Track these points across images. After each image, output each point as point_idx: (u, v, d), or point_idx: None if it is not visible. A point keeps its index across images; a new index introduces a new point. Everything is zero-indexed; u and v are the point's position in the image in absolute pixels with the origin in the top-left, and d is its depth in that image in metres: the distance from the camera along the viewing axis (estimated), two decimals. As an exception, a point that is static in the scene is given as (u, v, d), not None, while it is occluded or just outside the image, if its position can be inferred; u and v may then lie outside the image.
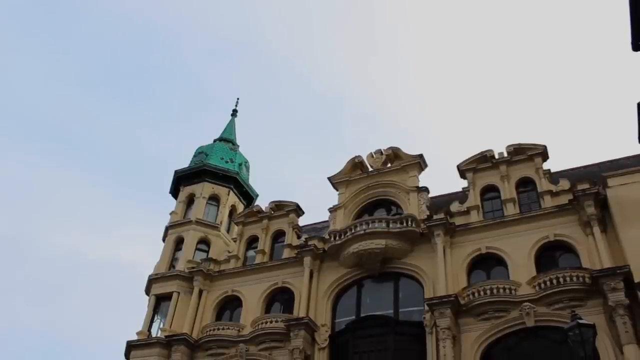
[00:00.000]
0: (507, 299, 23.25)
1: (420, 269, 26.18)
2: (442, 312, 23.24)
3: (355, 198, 30.44)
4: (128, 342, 29.94)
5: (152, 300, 31.76)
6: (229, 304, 30.52)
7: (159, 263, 33.41)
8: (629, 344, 20.22)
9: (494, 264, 25.30)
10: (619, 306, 20.81)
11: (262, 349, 27.20)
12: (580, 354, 13.22)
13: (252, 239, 32.39)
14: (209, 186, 36.13)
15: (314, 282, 28.03)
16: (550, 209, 25.16)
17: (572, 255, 24.15)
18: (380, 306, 26.33)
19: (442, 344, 22.85)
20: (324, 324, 26.69)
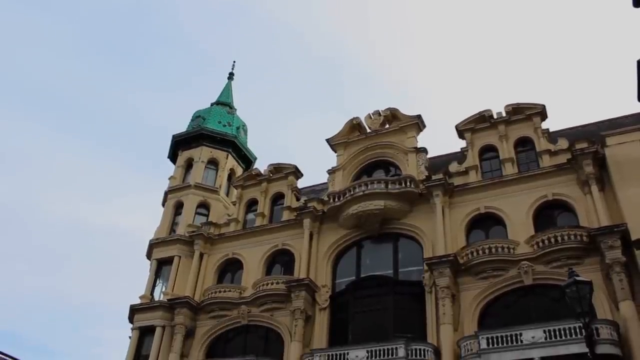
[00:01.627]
0: (505, 258, 23.47)
1: (419, 229, 26.35)
2: (441, 272, 23.48)
3: (353, 159, 30.44)
4: (131, 306, 30.32)
5: (153, 265, 32.04)
6: (229, 266, 30.81)
7: (159, 228, 33.58)
8: (625, 300, 20.48)
9: (492, 224, 25.45)
10: (616, 264, 21.03)
11: (263, 310, 27.57)
12: (577, 310, 13.36)
13: (252, 202, 32.50)
14: (207, 150, 36.08)
15: (314, 244, 28.25)
16: (549, 169, 25.19)
17: (570, 214, 24.28)
18: (380, 266, 26.59)
19: (442, 303, 23.17)
20: (325, 285, 27.00)
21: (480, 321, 23.10)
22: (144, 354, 28.89)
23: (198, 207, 33.96)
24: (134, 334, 29.63)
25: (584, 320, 13.22)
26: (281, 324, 26.73)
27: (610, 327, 20.02)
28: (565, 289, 13.73)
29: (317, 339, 25.55)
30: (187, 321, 28.52)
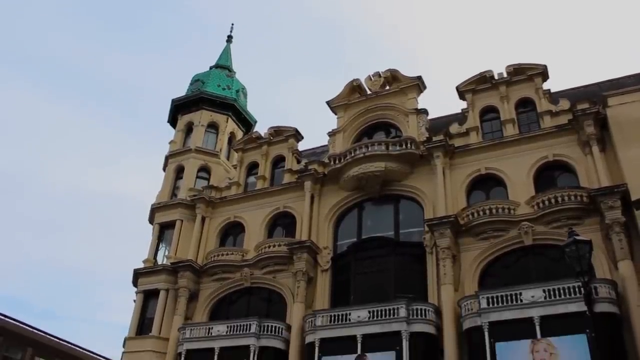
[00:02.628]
0: (506, 219, 23.60)
1: (420, 191, 26.42)
2: (442, 233, 23.63)
3: (354, 122, 30.34)
4: (135, 270, 30.63)
5: (156, 229, 32.24)
6: (231, 229, 31.00)
7: (160, 192, 33.69)
8: (624, 260, 20.67)
9: (493, 185, 25.50)
10: (616, 224, 21.14)
11: (266, 273, 27.86)
12: (577, 269, 13.49)
13: (252, 165, 32.52)
14: (207, 114, 35.94)
15: (315, 206, 28.37)
16: (550, 129, 25.12)
17: (570, 174, 24.31)
18: (381, 228, 26.77)
19: (442, 264, 23.40)
20: (326, 247, 27.22)
21: (480, 281, 23.36)
22: (148, 317, 29.32)
23: (199, 171, 34.02)
24: (138, 298, 30.00)
25: (583, 279, 13.35)
26: (283, 286, 27.07)
27: (608, 286, 20.25)
28: (565, 248, 13.83)
29: (319, 300, 25.89)
30: (190, 284, 28.84)
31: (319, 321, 23.75)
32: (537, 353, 19.66)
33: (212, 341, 25.54)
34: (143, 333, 28.84)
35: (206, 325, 26.69)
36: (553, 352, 19.43)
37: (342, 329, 23.08)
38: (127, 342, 28.97)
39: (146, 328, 28.96)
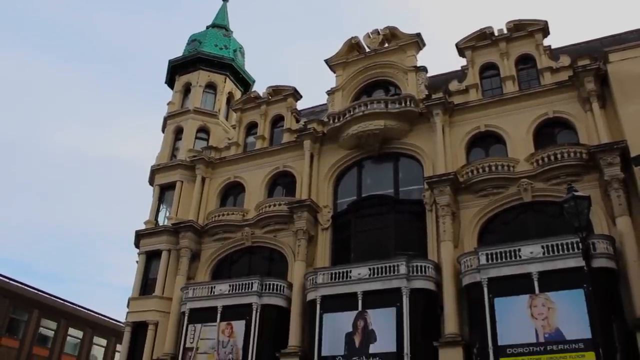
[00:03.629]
0: (505, 176, 23.65)
1: (419, 149, 26.42)
2: (442, 190, 23.71)
3: (353, 80, 30.12)
4: (137, 231, 30.84)
5: (156, 191, 32.34)
6: (232, 190, 31.10)
7: (160, 154, 33.68)
8: (622, 216, 20.81)
9: (492, 142, 25.49)
10: (614, 180, 21.21)
11: (266, 232, 28.05)
12: (575, 224, 13.57)
13: (251, 125, 32.41)
14: (205, 74, 35.65)
15: (315, 165, 28.38)
16: (550, 86, 24.98)
17: (570, 131, 24.27)
18: (381, 186, 26.84)
19: (442, 221, 23.55)
20: (326, 205, 27.35)
21: (479, 238, 23.56)
22: (151, 278, 29.65)
23: (198, 132, 33.93)
24: (140, 259, 30.27)
25: (581, 235, 13.45)
26: (284, 245, 27.30)
27: (606, 241, 20.44)
28: (563, 204, 13.88)
29: (320, 258, 26.13)
30: (191, 244, 29.06)
31: (320, 279, 24.02)
32: (535, 308, 19.98)
33: (215, 300, 25.89)
34: (146, 293, 29.21)
35: (208, 284, 27.02)
36: (551, 306, 19.73)
37: (343, 286, 23.35)
38: (130, 303, 29.35)
39: (149, 288, 29.31)
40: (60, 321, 44.95)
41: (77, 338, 46.91)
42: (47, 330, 44.48)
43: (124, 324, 30.48)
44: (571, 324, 19.14)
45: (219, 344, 24.92)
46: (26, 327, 42.55)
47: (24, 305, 42.65)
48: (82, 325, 46.97)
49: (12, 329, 42.08)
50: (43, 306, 43.89)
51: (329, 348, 22.58)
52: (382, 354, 21.55)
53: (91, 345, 47.87)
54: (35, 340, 43.00)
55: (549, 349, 19.19)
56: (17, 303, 42.15)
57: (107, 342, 48.96)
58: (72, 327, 46.16)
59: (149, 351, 27.35)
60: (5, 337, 41.01)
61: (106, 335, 48.93)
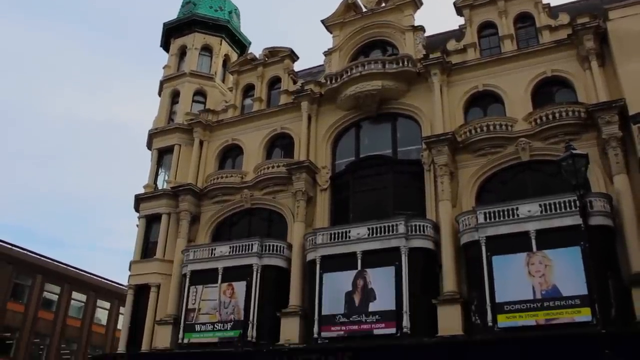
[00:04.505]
0: (503, 135, 23.64)
1: (417, 109, 26.34)
2: (440, 150, 23.74)
3: (350, 40, 29.85)
4: (136, 195, 30.96)
5: (154, 155, 32.36)
6: (230, 152, 31.14)
7: (157, 118, 33.61)
8: (620, 174, 20.88)
9: (490, 101, 25.40)
10: (612, 139, 21.21)
11: (265, 194, 28.18)
12: (573, 182, 13.66)
13: (248, 87, 32.25)
14: (200, 36, 35.30)
15: (313, 126, 28.32)
16: (549, 44, 24.77)
17: (569, 90, 24.17)
18: (379, 146, 26.84)
19: (440, 180, 23.64)
20: (325, 166, 27.41)
21: (478, 197, 23.66)
22: (152, 241, 29.87)
23: (195, 95, 33.74)
24: (141, 223, 30.45)
25: (579, 192, 13.55)
26: (283, 206, 27.43)
27: (603, 199, 20.55)
28: (561, 162, 13.94)
29: (319, 219, 26.28)
30: (191, 207, 29.20)
31: (320, 239, 24.23)
32: (532, 265, 20.21)
33: (216, 262, 26.16)
34: (147, 257, 29.47)
35: (209, 246, 27.26)
36: (548, 264, 19.96)
37: (342, 246, 23.57)
38: (132, 266, 29.65)
39: (150, 252, 29.57)
40: (63, 285, 45.58)
41: (81, 302, 47.63)
42: (51, 295, 45.15)
43: (126, 287, 30.83)
44: (568, 281, 19.39)
45: (221, 305, 25.28)
46: (30, 291, 43.17)
47: (27, 271, 43.18)
48: (85, 289, 47.64)
49: (17, 294, 42.70)
50: (46, 271, 44.43)
51: (329, 307, 22.89)
52: (381, 312, 21.88)
53: (95, 308, 48.65)
54: (39, 304, 43.68)
55: (546, 305, 19.47)
56: (20, 268, 42.66)
57: (111, 305, 49.73)
58: (76, 291, 46.86)
59: (151, 313, 27.75)
60: (10, 302, 41.66)
61: (109, 298, 49.66)
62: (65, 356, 45.86)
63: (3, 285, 40.87)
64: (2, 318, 40.69)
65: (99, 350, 45.55)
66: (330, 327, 22.63)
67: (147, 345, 27.14)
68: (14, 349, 41.69)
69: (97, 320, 48.75)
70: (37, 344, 43.80)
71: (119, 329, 37.83)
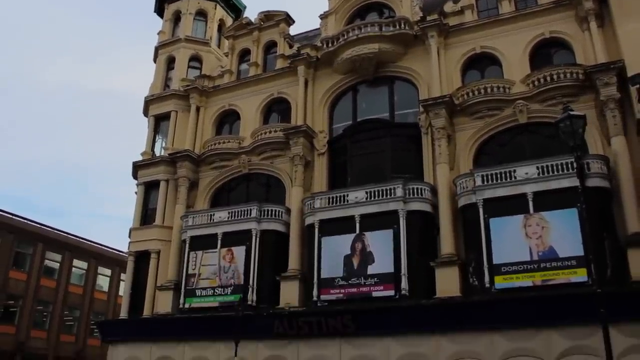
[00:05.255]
0: (500, 98, 23.54)
1: (414, 72, 26.16)
2: (437, 113, 23.67)
3: (346, 3, 29.43)
4: (134, 163, 30.95)
5: (151, 121, 32.23)
6: (227, 118, 31.02)
7: (153, 84, 33.40)
8: (617, 136, 20.84)
9: (488, 64, 25.21)
10: (610, 100, 21.12)
11: (263, 159, 28.19)
12: (570, 143, 13.61)
13: (244, 52, 31.96)
14: (194, 1, 34.84)
15: (309, 91, 28.18)
16: (547, 5, 24.45)
17: (567, 51, 23.97)
18: (376, 110, 26.72)
19: (438, 143, 23.62)
20: (322, 131, 27.36)
21: (475, 160, 23.68)
22: (151, 208, 29.99)
23: (190, 61, 33.46)
24: (139, 190, 30.51)
25: (576, 153, 13.52)
26: (281, 171, 27.47)
27: (601, 161, 20.59)
28: (559, 123, 13.87)
29: (317, 183, 26.35)
30: (189, 173, 29.23)
31: (318, 203, 24.33)
32: (529, 227, 20.35)
33: (215, 227, 26.31)
34: (147, 223, 29.61)
35: (208, 212, 27.38)
36: (545, 225, 20.10)
37: (341, 210, 23.68)
38: (132, 233, 29.80)
39: (150, 218, 29.70)
40: (64, 253, 45.88)
41: (82, 269, 48.00)
42: (52, 263, 45.49)
43: (126, 253, 31.02)
44: (564, 242, 19.56)
45: (221, 270, 25.52)
46: (32, 260, 43.49)
47: (28, 240, 43.44)
48: (86, 256, 47.96)
49: (19, 263, 43.04)
50: (47, 239, 44.67)
51: (328, 270, 23.12)
52: (380, 275, 22.10)
53: (96, 275, 49.06)
54: (41, 272, 44.04)
55: (542, 267, 19.69)
56: (21, 237, 42.90)
57: (112, 272, 50.14)
58: (77, 259, 47.20)
59: (152, 279, 28.02)
60: (12, 271, 42.00)
61: (110, 265, 50.03)
62: (68, 323, 46.42)
63: (5, 254, 41.17)
64: (5, 286, 41.10)
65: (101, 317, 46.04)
66: (329, 290, 22.88)
67: (149, 311, 27.47)
68: (18, 316, 42.18)
69: (98, 287, 49.21)
70: (41, 311, 44.30)
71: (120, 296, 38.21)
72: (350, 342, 21.97)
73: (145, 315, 27.43)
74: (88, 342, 46.52)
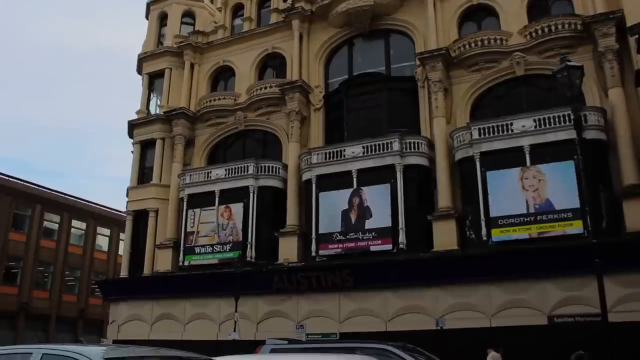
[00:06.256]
0: (497, 50, 23.29)
1: (410, 24, 25.78)
2: (434, 66, 23.43)
3: (340, -45, 28.83)
4: (129, 121, 30.74)
5: (145, 80, 31.89)
6: (222, 74, 30.71)
7: (146, 41, 32.92)
8: (615, 87, 20.69)
9: (485, 15, 24.86)
10: (609, 51, 20.87)
11: (259, 115, 28.00)
12: (567, 94, 13.50)
13: (238, 6, 31.43)
14: (186, -45, 34.04)
15: (305, 45, 27.82)
16: (540, -47, 24.00)
17: (565, 2, 23.57)
18: (372, 64, 26.45)
19: (434, 97, 23.48)
20: (318, 85, 27.12)
21: (472, 113, 23.57)
22: (148, 166, 29.95)
23: (183, 17, 32.90)
24: (135, 149, 30.40)
25: (574, 105, 13.43)
26: (278, 127, 27.33)
27: (598, 113, 20.52)
28: (556, 74, 13.73)
29: (314, 139, 26.28)
30: (185, 131, 29.09)
31: (315, 159, 24.32)
32: (526, 180, 20.41)
33: (212, 184, 26.34)
34: (144, 182, 29.63)
35: (205, 169, 27.37)
36: (542, 178, 20.16)
37: (338, 165, 23.72)
38: (129, 192, 29.81)
39: (147, 177, 29.69)
40: (63, 214, 45.94)
41: (81, 229, 48.13)
42: (51, 224, 45.57)
43: (125, 213, 31.10)
44: (560, 195, 19.65)
45: (219, 227, 25.64)
46: (31, 221, 43.57)
47: (26, 201, 43.45)
48: (84, 217, 48.03)
49: (18, 224, 43.14)
50: (45, 200, 44.69)
51: (326, 225, 23.24)
52: (377, 229, 22.23)
53: (95, 235, 49.21)
54: (41, 233, 44.17)
55: (539, 219, 19.82)
56: (19, 199, 42.92)
57: (111, 231, 50.28)
58: (75, 219, 47.28)
59: (151, 238, 28.16)
60: (12, 232, 42.10)
61: (109, 225, 50.16)
62: (69, 283, 46.82)
63: (3, 216, 41.21)
64: (5, 248, 41.29)
65: (101, 276, 46.39)
66: (327, 245, 23.05)
67: (149, 269, 27.69)
68: (19, 277, 42.52)
69: (98, 247, 49.43)
70: (42, 272, 44.60)
71: (120, 255, 38.42)
72: (349, 296, 22.23)
73: (145, 273, 27.67)
74: (90, 302, 46.95)
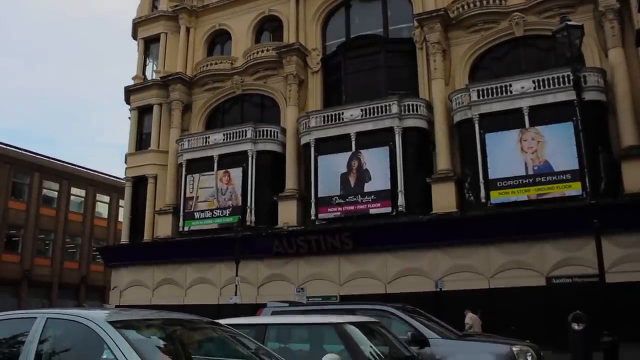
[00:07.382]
0: (496, 10, 23.03)
1: (409, -16, 25.44)
2: (432, 27, 23.19)
3: None
4: (126, 87, 30.50)
5: (140, 45, 31.54)
6: (218, 38, 30.40)
7: (140, 6, 32.52)
8: (615, 48, 20.50)
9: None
10: (609, 11, 20.63)
11: (256, 79, 27.80)
12: (567, 55, 13.37)
13: (233, -32, 30.91)
14: None
15: (301, 7, 27.46)
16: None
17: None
18: (370, 26, 26.14)
19: (433, 58, 23.28)
20: (315, 48, 26.85)
21: (471, 74, 23.45)
22: (145, 132, 29.83)
23: (178, -21, 32.37)
24: (132, 115, 30.24)
25: (573, 65, 13.31)
26: (275, 90, 27.16)
27: (597, 74, 20.39)
28: (556, 34, 13.57)
29: (312, 102, 26.13)
30: (182, 96, 28.90)
31: (313, 122, 24.23)
32: (525, 142, 20.37)
33: (211, 149, 26.31)
34: (142, 148, 29.57)
35: (203, 134, 27.29)
36: (541, 140, 20.12)
37: (336, 128, 23.63)
38: (128, 158, 29.75)
39: (145, 143, 29.60)
40: (61, 182, 45.90)
41: (81, 197, 48.15)
42: (50, 192, 45.57)
43: (124, 179, 31.09)
44: (559, 156, 19.64)
45: (218, 192, 25.68)
46: (30, 189, 43.56)
47: (25, 170, 43.37)
48: (83, 184, 48.00)
49: (17, 193, 43.13)
50: (43, 169, 44.60)
51: (325, 189, 23.29)
52: (376, 192, 22.28)
53: (95, 202, 49.24)
54: (40, 201, 44.20)
55: (538, 181, 19.84)
56: (17, 168, 42.82)
57: (110, 198, 50.32)
58: (74, 187, 47.24)
59: (151, 204, 28.20)
60: (11, 201, 42.12)
61: (108, 192, 50.16)
62: (70, 250, 47.05)
63: (2, 185, 41.18)
64: (5, 217, 41.37)
65: (102, 242, 46.59)
66: (327, 208, 23.11)
67: (149, 235, 27.81)
68: (21, 245, 42.71)
69: (98, 214, 49.51)
70: (43, 239, 44.76)
71: (120, 222, 38.53)
72: (348, 259, 22.39)
73: (145, 239, 27.80)
74: (91, 268, 47.26)
